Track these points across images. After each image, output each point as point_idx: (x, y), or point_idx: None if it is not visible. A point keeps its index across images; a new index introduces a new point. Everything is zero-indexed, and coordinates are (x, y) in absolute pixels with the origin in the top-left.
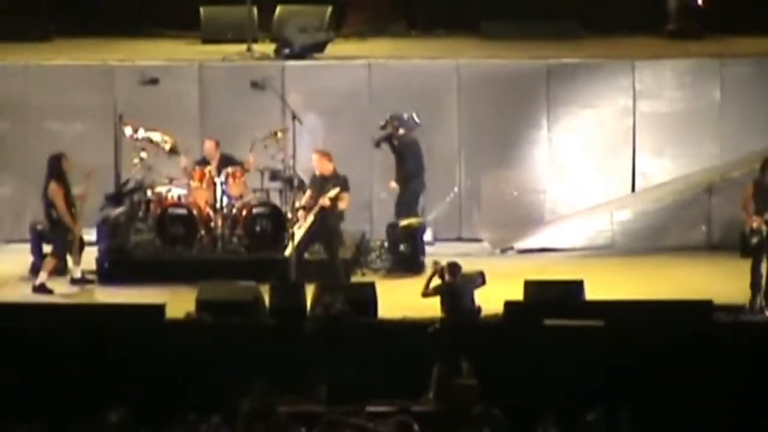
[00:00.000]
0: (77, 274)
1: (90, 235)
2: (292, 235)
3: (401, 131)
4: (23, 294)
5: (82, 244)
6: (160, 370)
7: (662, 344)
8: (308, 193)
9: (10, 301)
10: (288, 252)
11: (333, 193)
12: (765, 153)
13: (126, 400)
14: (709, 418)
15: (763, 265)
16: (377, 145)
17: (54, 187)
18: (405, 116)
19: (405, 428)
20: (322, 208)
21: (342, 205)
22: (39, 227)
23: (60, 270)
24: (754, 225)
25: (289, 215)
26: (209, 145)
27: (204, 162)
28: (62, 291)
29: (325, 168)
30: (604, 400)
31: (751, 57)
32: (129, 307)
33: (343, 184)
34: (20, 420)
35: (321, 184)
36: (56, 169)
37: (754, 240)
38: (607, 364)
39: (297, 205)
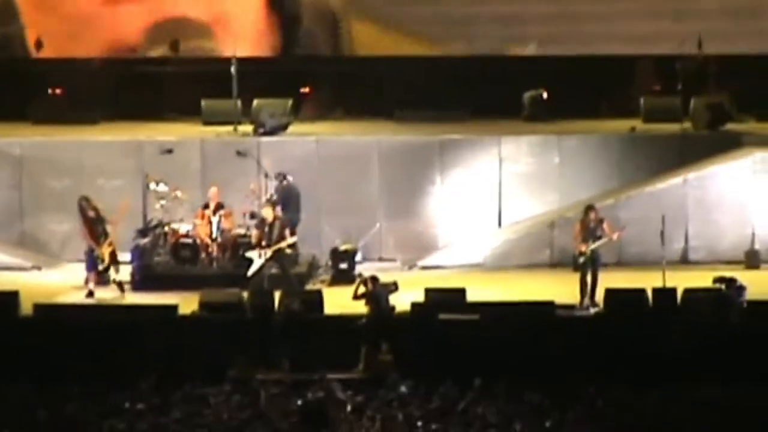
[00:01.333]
0: (116, 279)
1: (125, 257)
2: (260, 258)
3: (285, 182)
4: (79, 297)
5: (115, 258)
6: (174, 350)
7: (520, 331)
8: (256, 232)
9: (71, 302)
10: (251, 271)
11: (291, 241)
12: (588, 201)
13: (151, 371)
14: (554, 385)
15: (588, 277)
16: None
17: (79, 225)
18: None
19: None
20: (279, 248)
21: (290, 241)
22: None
23: (104, 281)
24: (582, 249)
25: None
26: (214, 190)
27: (205, 206)
28: (106, 296)
29: (270, 214)
30: (483, 371)
31: (579, 134)
32: (153, 307)
33: (286, 224)
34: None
35: (269, 225)
36: (80, 209)
37: (581, 260)
38: (484, 346)
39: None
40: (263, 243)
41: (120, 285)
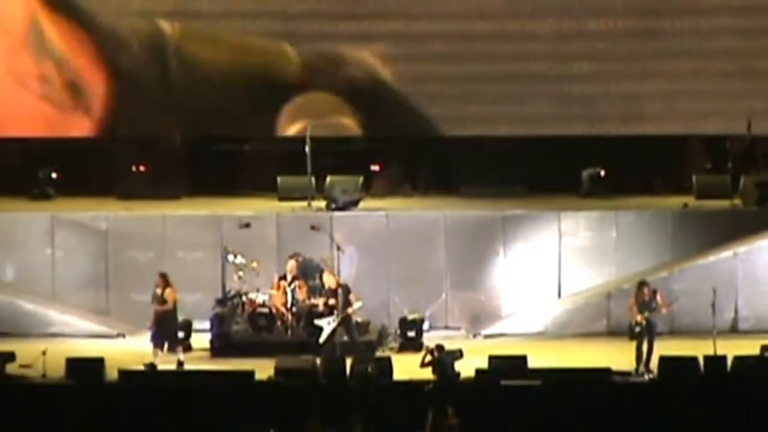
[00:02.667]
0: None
1: (205, 325)
2: (329, 325)
3: (300, 259)
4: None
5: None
6: (251, 413)
7: (580, 396)
8: (323, 300)
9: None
10: (322, 338)
11: (357, 306)
12: (644, 274)
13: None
14: None
15: (644, 345)
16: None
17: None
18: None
19: None
20: (346, 315)
21: (356, 307)
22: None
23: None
24: (637, 319)
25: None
26: (292, 263)
27: (283, 277)
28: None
29: (332, 282)
30: None
31: (634, 210)
32: (231, 372)
33: (348, 291)
34: None
35: (331, 292)
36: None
37: (637, 329)
38: (545, 411)
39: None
40: (331, 310)
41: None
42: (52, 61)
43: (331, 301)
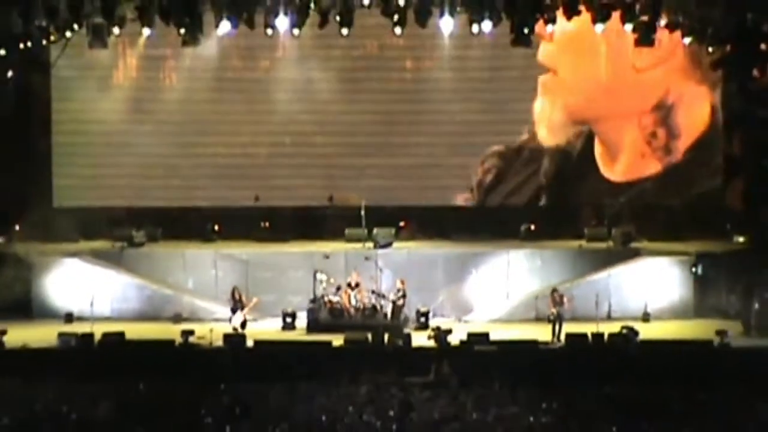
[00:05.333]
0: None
1: (303, 315)
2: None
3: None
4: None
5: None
6: (329, 364)
7: (520, 356)
8: (372, 298)
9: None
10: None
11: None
12: (556, 285)
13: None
14: (544, 388)
15: (556, 327)
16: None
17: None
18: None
19: None
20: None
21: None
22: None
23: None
24: (552, 311)
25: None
26: (354, 275)
27: (349, 285)
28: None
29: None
30: (496, 378)
31: (550, 249)
32: (318, 341)
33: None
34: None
35: (377, 294)
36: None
37: (552, 318)
38: (500, 365)
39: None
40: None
41: (241, 327)
42: None
43: (378, 300)
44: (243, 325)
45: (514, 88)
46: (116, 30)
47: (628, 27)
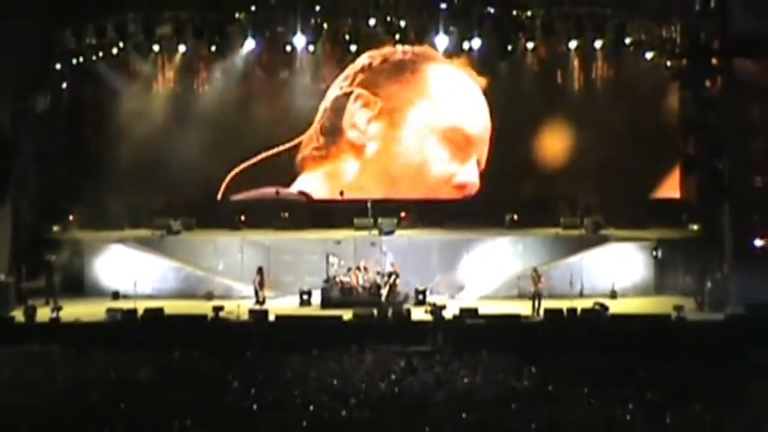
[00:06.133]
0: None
1: (317, 293)
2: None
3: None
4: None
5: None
6: (339, 333)
7: (504, 328)
8: (378, 278)
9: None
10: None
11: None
12: (536, 266)
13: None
14: (526, 354)
15: (536, 303)
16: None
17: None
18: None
19: None
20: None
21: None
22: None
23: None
24: (532, 289)
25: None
26: (363, 262)
27: (358, 267)
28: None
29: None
30: (484, 348)
31: (531, 236)
32: (330, 316)
33: (395, 275)
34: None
35: (382, 276)
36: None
37: (532, 294)
38: (488, 336)
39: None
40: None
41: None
42: None
43: (382, 279)
44: (263, 301)
45: None
46: (156, 47)
47: (598, 44)
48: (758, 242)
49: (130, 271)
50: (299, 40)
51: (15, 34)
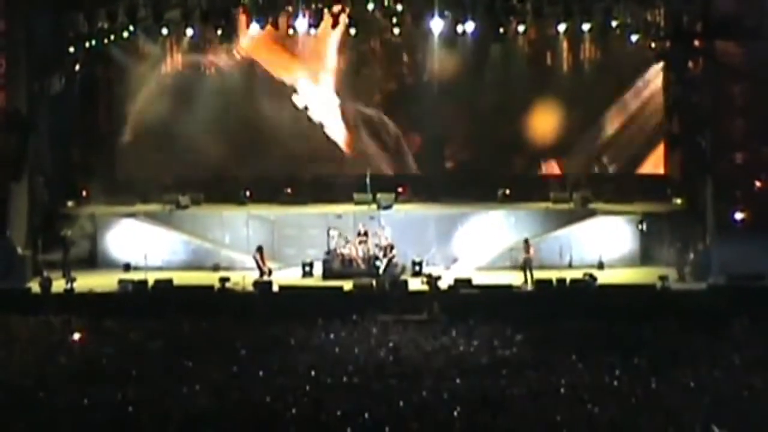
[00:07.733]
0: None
1: (319, 264)
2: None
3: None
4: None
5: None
6: (341, 303)
7: (498, 298)
8: (377, 250)
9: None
10: (381, 270)
11: (394, 253)
12: (527, 237)
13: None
14: (509, 322)
15: (527, 273)
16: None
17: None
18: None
19: None
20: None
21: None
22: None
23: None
24: (523, 259)
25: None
26: (361, 229)
27: (359, 233)
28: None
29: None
30: (478, 316)
31: (524, 209)
32: (331, 287)
33: (390, 247)
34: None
35: (381, 247)
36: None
37: (523, 265)
38: (482, 305)
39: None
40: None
41: (264, 275)
42: None
43: (381, 252)
44: (270, 273)
45: None
46: (164, 30)
47: (585, 27)
48: (738, 215)
49: (140, 244)
50: (301, 24)
51: (30, 18)
